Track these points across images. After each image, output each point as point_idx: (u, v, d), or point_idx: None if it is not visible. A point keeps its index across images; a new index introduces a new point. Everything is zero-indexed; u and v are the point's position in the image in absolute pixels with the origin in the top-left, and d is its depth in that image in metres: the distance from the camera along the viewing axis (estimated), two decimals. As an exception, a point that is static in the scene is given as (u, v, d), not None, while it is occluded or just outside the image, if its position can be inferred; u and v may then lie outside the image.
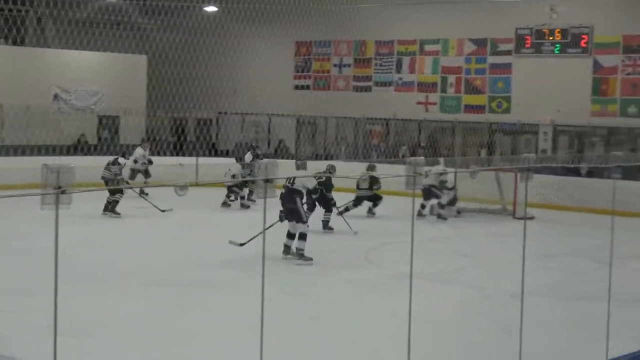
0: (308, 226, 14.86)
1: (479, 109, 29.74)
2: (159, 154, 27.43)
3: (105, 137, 31.14)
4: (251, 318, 6.02)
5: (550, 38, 28.22)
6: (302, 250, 14.47)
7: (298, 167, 15.81)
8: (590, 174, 22.44)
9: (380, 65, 32.00)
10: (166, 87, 26.97)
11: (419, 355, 6.56)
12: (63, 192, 4.42)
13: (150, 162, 23.68)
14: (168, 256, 14.91)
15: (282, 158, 27.77)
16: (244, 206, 21.57)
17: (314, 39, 32.59)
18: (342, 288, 12.82)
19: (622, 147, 25.21)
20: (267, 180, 5.41)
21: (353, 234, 17.76)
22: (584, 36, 27.63)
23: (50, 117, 28.58)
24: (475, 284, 13.37)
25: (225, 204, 21.86)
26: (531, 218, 19.23)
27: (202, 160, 27.04)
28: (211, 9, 31.75)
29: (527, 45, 28.72)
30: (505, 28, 28.92)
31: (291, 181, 14.49)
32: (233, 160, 23.34)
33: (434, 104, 30.73)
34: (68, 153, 25.88)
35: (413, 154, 22.45)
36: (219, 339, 9.79)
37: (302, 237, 14.53)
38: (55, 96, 30.82)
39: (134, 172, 23.21)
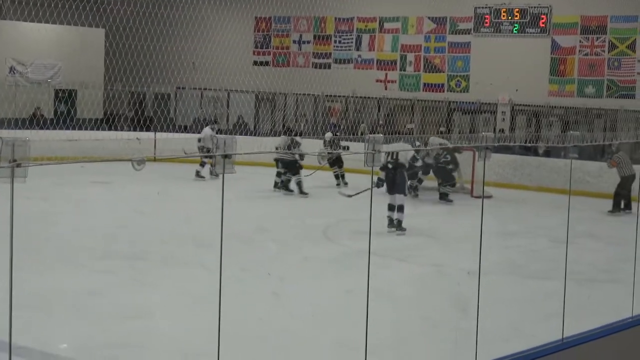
0: None
1: (438, 87, 29.81)
2: (116, 129, 27.25)
3: (62, 111, 30.85)
4: (210, 293, 6.00)
5: (509, 17, 28.30)
6: (402, 221, 15.77)
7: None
8: (548, 153, 22.59)
9: (340, 42, 31.93)
10: (124, 61, 26.74)
11: (376, 331, 6.57)
12: (18, 166, 4.35)
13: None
14: (127, 230, 14.85)
15: (241, 134, 27.69)
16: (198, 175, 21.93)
17: (274, 14, 32.46)
18: (301, 265, 12.83)
19: (579, 127, 25.41)
20: (225, 156, 5.37)
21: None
22: (542, 16, 27.74)
23: (6, 89, 28.25)
24: (432, 262, 13.44)
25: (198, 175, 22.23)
26: (489, 197, 19.34)
27: (160, 135, 26.93)
28: (170, -18, 31.53)
29: (486, 24, 28.78)
30: (465, 7, 28.96)
31: (395, 155, 15.75)
32: (193, 135, 23.32)
33: (394, 82, 30.74)
34: (23, 126, 25.61)
35: (372, 132, 22.47)
36: (177, 313, 9.77)
37: (402, 209, 15.85)
38: (11, 69, 30.48)
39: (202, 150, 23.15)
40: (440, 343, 9.13)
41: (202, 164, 22.01)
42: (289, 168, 20.95)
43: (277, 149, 21.95)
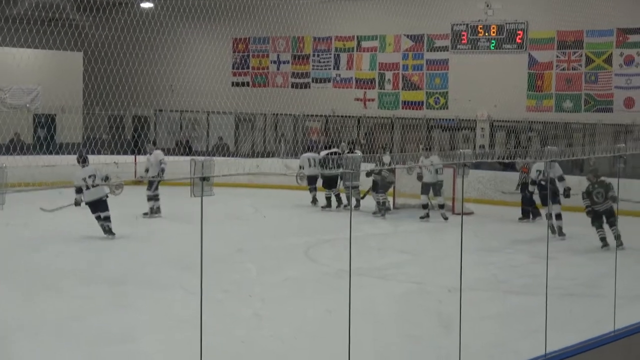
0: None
1: (417, 105, 29.86)
2: (96, 152, 27.17)
3: (41, 136, 30.74)
4: (192, 315, 5.99)
5: (486, 34, 28.42)
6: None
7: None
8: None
9: (318, 61, 31.98)
10: (103, 84, 26.71)
11: (358, 350, 6.57)
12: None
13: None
14: (108, 254, 14.81)
15: (222, 155, 27.65)
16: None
17: (252, 35, 32.46)
18: (283, 286, 12.81)
19: (558, 141, 25.49)
20: (203, 179, 5.37)
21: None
22: (519, 32, 27.87)
23: (-16, 115, 28.15)
24: (413, 280, 13.43)
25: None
26: (470, 213, 19.40)
27: (140, 157, 26.85)
28: (147, 5, 31.47)
29: (463, 41, 28.89)
30: (442, 24, 29.03)
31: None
32: (174, 157, 23.04)
33: (372, 100, 30.79)
34: (1, 152, 25.49)
35: (351, 151, 22.49)
36: (159, 336, 9.74)
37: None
38: (-11, 94, 30.39)
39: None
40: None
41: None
42: (330, 183, 21.66)
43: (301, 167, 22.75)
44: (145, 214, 19.87)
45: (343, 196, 22.07)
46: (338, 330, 6.96)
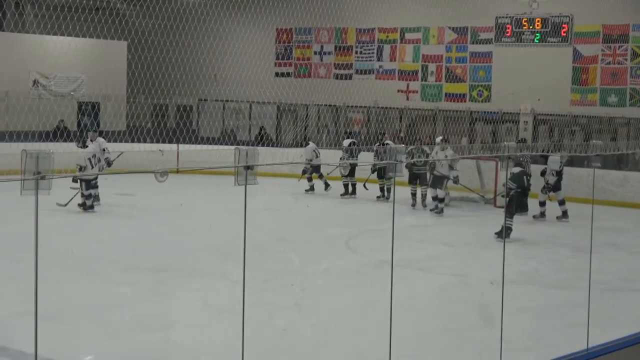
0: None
1: (460, 97, 29.77)
2: (139, 141, 27.34)
3: (85, 124, 30.97)
4: (232, 304, 6.02)
5: (531, 27, 28.23)
6: None
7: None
8: (570, 162, 22.49)
9: (362, 53, 31.96)
10: (146, 73, 26.84)
11: (398, 342, 6.57)
12: (42, 178, 4.39)
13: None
14: (150, 242, 14.90)
15: (263, 145, 27.72)
16: None
17: (295, 25, 32.52)
18: (323, 276, 12.83)
19: (602, 136, 25.30)
20: (247, 168, 5.39)
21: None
22: (564, 25, 27.67)
23: (30, 103, 28.37)
24: (455, 272, 13.39)
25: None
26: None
27: (183, 147, 27.04)
28: (192, -6, 31.64)
29: (507, 34, 28.73)
30: (486, 17, 28.92)
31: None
32: (216, 146, 23.16)
33: (415, 92, 30.73)
34: (47, 139, 25.71)
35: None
36: (200, 325, 9.78)
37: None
38: (35, 82, 30.66)
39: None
40: (464, 353, 9.10)
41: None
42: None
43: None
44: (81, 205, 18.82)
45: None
46: (378, 322, 6.96)
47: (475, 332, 9.69)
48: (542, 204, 19.34)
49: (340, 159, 22.95)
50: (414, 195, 20.50)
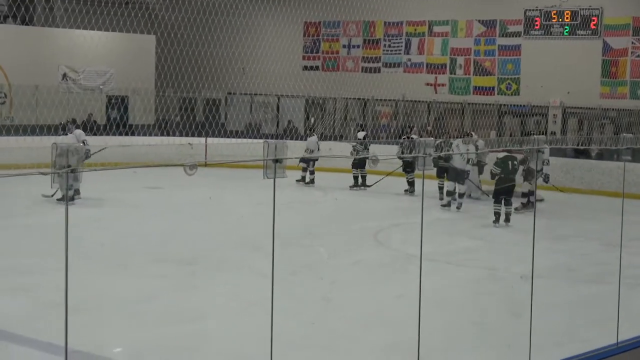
0: None
1: (488, 90, 29.67)
2: (168, 134, 27.45)
3: (114, 117, 31.11)
4: (261, 297, 6.03)
5: (560, 20, 28.09)
6: None
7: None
8: (600, 156, 22.40)
9: (389, 46, 31.91)
10: (175, 67, 26.94)
11: (428, 335, 6.56)
12: (72, 171, 4.42)
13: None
14: (179, 235, 14.95)
15: (291, 139, 27.73)
16: None
17: (323, 19, 32.50)
18: (352, 269, 12.82)
19: (633, 129, 25.12)
20: (276, 161, 5.40)
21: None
22: (593, 18, 27.51)
23: (59, 96, 28.52)
24: (483, 266, 13.35)
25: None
26: (541, 200, 19.20)
27: (211, 140, 27.10)
28: (220, -12, 31.66)
29: (536, 27, 28.61)
30: (515, 9, 28.81)
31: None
32: (244, 140, 23.12)
33: (443, 85, 30.66)
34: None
35: (408, 137, 22.40)
36: (229, 317, 9.81)
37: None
38: (64, 76, 30.82)
39: None
40: (493, 348, 9.07)
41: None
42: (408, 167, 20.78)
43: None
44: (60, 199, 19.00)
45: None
46: (406, 315, 6.95)
47: (505, 326, 9.65)
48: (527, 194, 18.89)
49: (355, 151, 22.69)
50: (441, 189, 20.19)
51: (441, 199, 19.94)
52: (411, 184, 21.59)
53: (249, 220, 15.34)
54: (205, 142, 26.97)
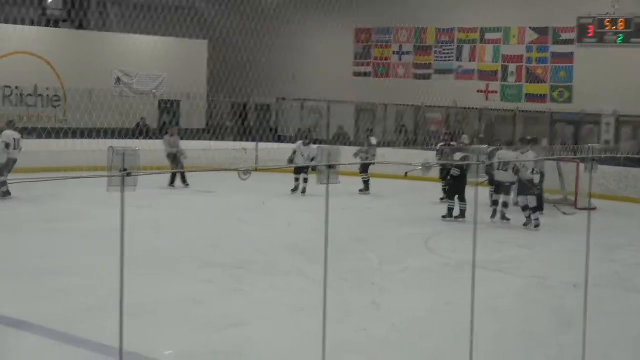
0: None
1: (541, 98, 29.51)
2: (219, 139, 27.61)
3: (166, 121, 31.36)
4: (311, 303, 6.05)
5: (614, 27, 27.85)
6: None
7: None
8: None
9: (441, 53, 31.85)
10: (227, 72, 27.12)
11: (477, 344, 6.53)
12: (129, 175, 4.47)
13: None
14: (230, 240, 15.03)
15: (341, 145, 27.74)
16: None
17: (374, 25, 32.53)
18: (402, 276, 12.80)
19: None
20: (329, 167, 5.42)
21: None
22: (648, 26, 27.28)
23: (113, 100, 28.80)
24: (535, 274, 13.26)
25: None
26: (593, 209, 19.01)
27: (262, 145, 27.20)
28: (272, -6, 31.81)
29: (589, 35, 28.40)
30: (568, 17, 28.63)
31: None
32: (296, 144, 22.84)
33: (495, 92, 30.54)
34: (127, 136, 26.08)
35: (472, 143, 22.19)
36: (278, 322, 9.83)
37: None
38: (117, 80, 31.16)
39: None
40: (543, 358, 9.01)
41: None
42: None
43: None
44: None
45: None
46: (456, 323, 6.93)
47: (555, 336, 9.58)
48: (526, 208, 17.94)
49: (359, 157, 22.45)
50: (495, 202, 18.51)
51: (492, 217, 18.56)
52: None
53: (298, 225, 15.37)
54: (257, 147, 27.08)
